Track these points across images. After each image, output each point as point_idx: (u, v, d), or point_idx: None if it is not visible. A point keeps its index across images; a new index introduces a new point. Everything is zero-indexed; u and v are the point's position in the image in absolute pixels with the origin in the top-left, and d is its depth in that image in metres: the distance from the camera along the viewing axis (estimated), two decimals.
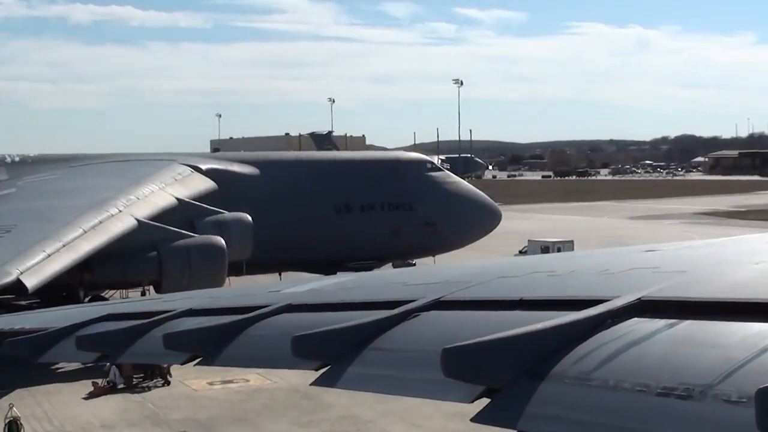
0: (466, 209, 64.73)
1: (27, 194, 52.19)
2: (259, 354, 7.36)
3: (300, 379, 37.60)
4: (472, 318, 6.41)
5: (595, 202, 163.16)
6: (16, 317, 12.26)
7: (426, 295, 7.10)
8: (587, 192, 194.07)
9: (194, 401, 38.40)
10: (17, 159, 61.15)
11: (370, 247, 61.88)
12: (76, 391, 39.89)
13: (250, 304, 8.43)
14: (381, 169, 64.93)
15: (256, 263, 55.09)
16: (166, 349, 7.65)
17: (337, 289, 9.12)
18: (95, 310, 10.33)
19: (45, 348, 9.15)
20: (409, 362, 5.98)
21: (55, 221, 42.84)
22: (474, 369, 5.12)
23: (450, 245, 65.14)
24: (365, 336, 6.44)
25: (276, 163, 64.34)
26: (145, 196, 50.25)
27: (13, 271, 36.11)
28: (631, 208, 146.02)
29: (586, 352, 5.11)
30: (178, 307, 9.11)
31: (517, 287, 7.09)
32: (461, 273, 8.45)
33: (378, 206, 62.91)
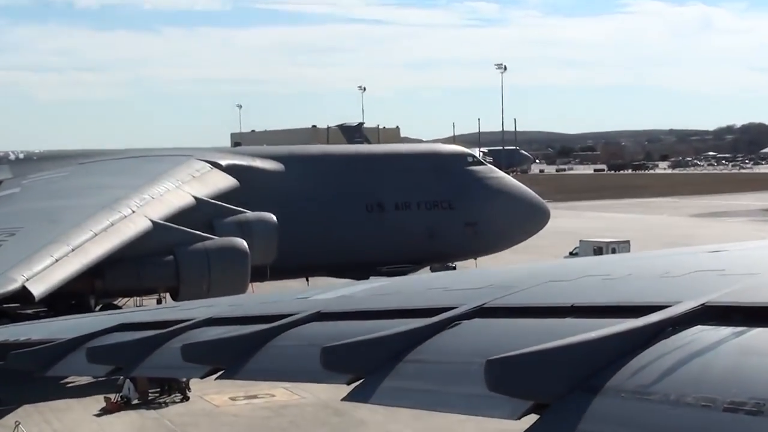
0: (511, 207, 64.54)
1: (32, 194, 52.66)
2: (286, 367, 7.39)
3: (330, 393, 37.68)
4: (519, 326, 6.40)
5: (653, 199, 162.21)
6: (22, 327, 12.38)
7: (467, 302, 7.09)
8: (644, 187, 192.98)
9: (215, 418, 38.59)
10: (22, 156, 61.74)
11: (406, 250, 61.86)
12: (87, 407, 40.20)
13: (276, 312, 8.46)
14: (417, 163, 64.88)
15: (282, 268, 55.25)
16: (185, 361, 7.69)
17: (370, 296, 9.14)
18: (107, 319, 10.41)
19: (53, 361, 9.23)
20: (449, 375, 5.97)
21: (63, 223, 43.18)
22: (521, 382, 5.11)
23: (493, 247, 64.98)
24: (401, 346, 6.45)
25: (302, 158, 64.50)
26: (160, 195, 50.54)
27: (18, 277, 36.42)
28: (693, 205, 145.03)
29: (644, 364, 5.09)
30: (197, 316, 9.16)
31: (567, 292, 7.07)
32: (506, 277, 8.44)
33: (414, 205, 62.89)
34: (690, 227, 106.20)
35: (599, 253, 68.76)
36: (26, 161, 60.99)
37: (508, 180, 68.71)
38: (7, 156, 61.48)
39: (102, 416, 39.30)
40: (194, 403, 40.79)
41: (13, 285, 36.01)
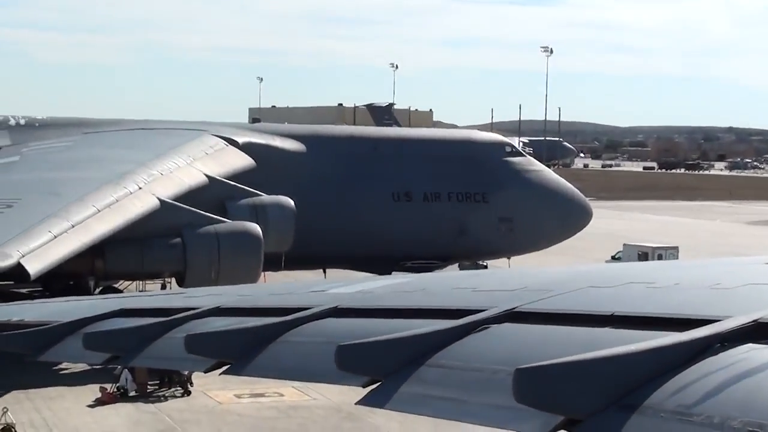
0: (550, 204, 64.36)
1: (32, 163, 52.92)
2: (297, 364, 7.41)
3: (343, 396, 37.75)
4: (553, 334, 6.40)
5: (706, 202, 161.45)
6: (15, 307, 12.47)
7: (498, 304, 7.09)
8: (697, 189, 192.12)
9: (218, 416, 38.74)
10: (22, 122, 62.06)
11: (433, 244, 61.84)
12: (80, 396, 40.45)
13: (289, 305, 8.48)
14: (450, 151, 64.79)
15: (298, 257, 55.33)
16: (188, 353, 7.73)
17: (391, 292, 9.15)
18: (107, 303, 10.47)
19: (47, 345, 9.29)
20: (474, 383, 5.97)
21: (63, 197, 43.37)
22: (552, 395, 5.10)
23: (529, 246, 64.84)
24: (423, 349, 6.45)
25: (326, 139, 64.53)
26: (169, 171, 50.68)
27: (13, 253, 36.63)
28: (750, 211, 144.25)
29: (688, 382, 5.07)
30: (203, 305, 9.20)
31: (608, 300, 7.05)
32: (541, 280, 8.43)
33: (444, 196, 62.82)
34: (746, 235, 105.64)
35: (644, 259, 68.50)
36: (27, 128, 61.28)
37: (548, 174, 68.51)
38: (7, 121, 61.81)
39: (96, 407, 39.52)
40: (196, 398, 40.96)
41: (7, 261, 36.22)
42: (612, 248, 79.21)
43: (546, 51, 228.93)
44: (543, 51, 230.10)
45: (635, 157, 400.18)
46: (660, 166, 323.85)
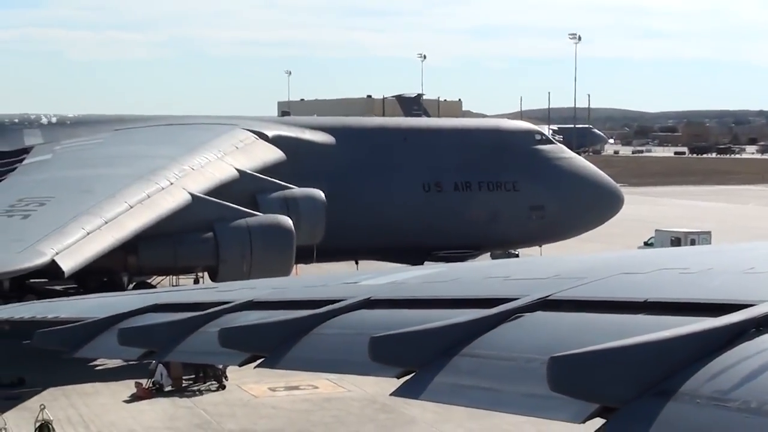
0: (581, 191, 64.19)
1: (65, 161, 53.23)
2: (331, 357, 7.43)
3: (377, 387, 37.82)
4: (586, 321, 6.38)
5: (738, 186, 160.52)
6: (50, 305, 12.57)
7: (531, 293, 7.08)
8: (729, 173, 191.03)
9: (253, 409, 38.90)
10: (54, 120, 62.37)
11: (465, 234, 61.79)
12: (116, 392, 40.70)
13: (322, 297, 8.50)
14: (479, 140, 64.70)
15: (329, 249, 55.44)
16: (223, 347, 7.76)
17: (424, 283, 9.15)
18: (141, 299, 10.53)
19: (82, 341, 9.35)
20: (508, 372, 5.97)
21: (96, 194, 43.62)
22: (587, 383, 5.09)
23: (560, 233, 64.71)
24: (457, 339, 6.45)
25: (355, 131, 64.57)
26: (200, 166, 50.87)
27: (47, 251, 36.85)
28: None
29: (723, 367, 5.05)
30: (237, 299, 9.23)
31: (641, 286, 7.03)
32: (573, 267, 8.41)
33: (475, 185, 62.75)
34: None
35: (677, 245, 68.23)
36: (59, 126, 61.60)
37: (578, 161, 68.31)
38: (39, 120, 62.14)
39: (132, 403, 39.75)
40: (231, 392, 41.13)
41: (41, 259, 36.44)
42: (644, 234, 78.94)
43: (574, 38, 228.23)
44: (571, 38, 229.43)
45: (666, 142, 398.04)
46: (691, 150, 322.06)
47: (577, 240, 66.21)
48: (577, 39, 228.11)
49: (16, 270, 36.63)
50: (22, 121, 61.39)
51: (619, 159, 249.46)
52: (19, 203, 42.58)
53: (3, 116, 62.27)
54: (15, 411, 37.09)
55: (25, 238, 37.62)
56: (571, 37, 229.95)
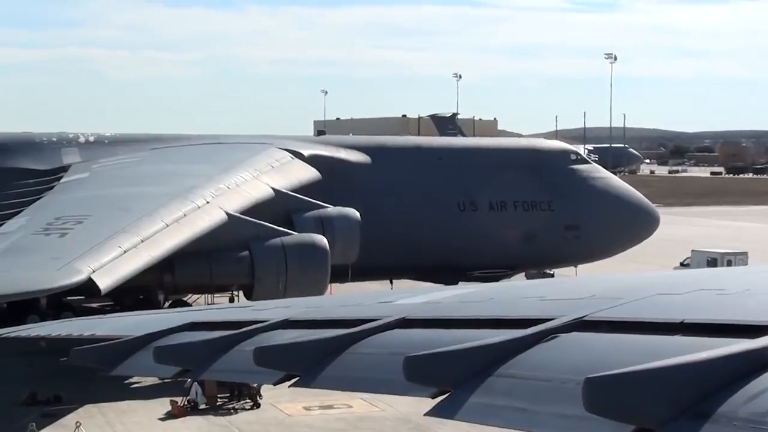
0: (617, 211, 63.94)
1: (102, 180, 53.56)
2: (366, 376, 7.42)
3: (412, 407, 37.70)
4: (622, 342, 6.34)
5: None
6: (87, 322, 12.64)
7: (566, 313, 7.05)
8: (766, 194, 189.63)
9: (287, 428, 38.89)
10: (92, 139, 62.81)
11: (500, 253, 61.64)
12: (151, 410, 40.80)
13: (357, 316, 8.50)
14: (515, 160, 64.61)
15: (364, 268, 55.44)
16: (258, 365, 7.77)
17: (459, 302, 9.13)
18: (176, 317, 10.56)
19: (118, 359, 9.39)
20: (544, 393, 5.94)
21: (132, 212, 43.84)
22: (622, 404, 5.06)
23: (596, 253, 64.45)
24: (492, 359, 6.43)
25: (390, 150, 64.64)
26: (236, 185, 51.05)
27: (84, 268, 37.05)
28: None
29: (760, 390, 5.01)
30: (272, 317, 9.24)
31: (677, 307, 6.99)
32: (609, 287, 8.36)
33: (510, 204, 62.64)
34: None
35: (713, 265, 67.74)
36: (96, 144, 62.03)
37: (614, 181, 68.08)
38: (77, 138, 62.58)
39: (167, 421, 39.84)
40: (265, 410, 41.14)
41: (78, 276, 36.63)
42: (680, 255, 78.41)
43: (610, 57, 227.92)
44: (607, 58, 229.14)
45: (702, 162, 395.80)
46: (727, 171, 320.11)
47: (613, 260, 65.86)
48: (613, 58, 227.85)
49: (54, 288, 36.85)
50: (60, 140, 61.86)
51: (654, 179, 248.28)
52: (56, 221, 42.86)
53: (41, 135, 62.81)
54: (52, 428, 37.26)
55: (62, 255, 37.84)
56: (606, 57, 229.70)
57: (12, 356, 46.61)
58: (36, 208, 48.08)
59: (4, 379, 44.25)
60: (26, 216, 46.19)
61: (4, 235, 42.41)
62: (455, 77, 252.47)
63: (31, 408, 39.53)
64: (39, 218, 44.33)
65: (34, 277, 36.80)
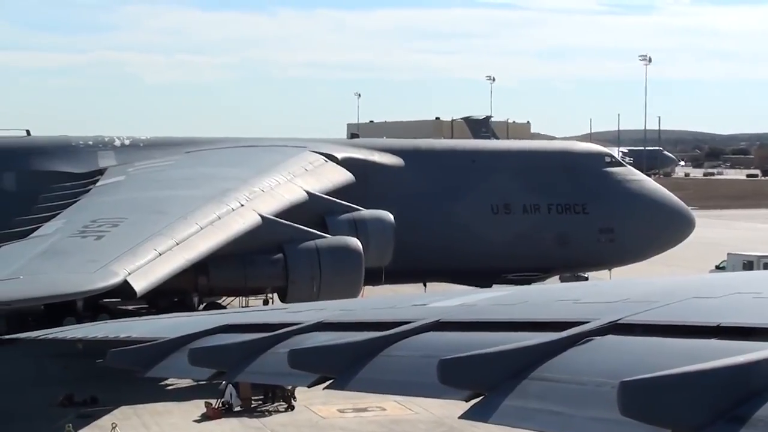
0: (652, 213, 63.63)
1: (137, 183, 53.86)
2: (400, 379, 7.41)
3: (445, 410, 37.66)
4: (658, 345, 6.30)
5: None
6: (122, 324, 12.70)
7: (601, 316, 7.01)
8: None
9: (321, 430, 38.93)
10: (127, 142, 63.13)
11: (533, 256, 61.49)
12: (186, 412, 40.95)
13: (391, 319, 8.49)
14: (549, 162, 64.45)
15: (398, 271, 55.43)
16: (292, 368, 7.77)
17: (493, 305, 9.11)
18: (211, 319, 10.60)
19: (154, 361, 9.43)
20: (578, 396, 5.92)
21: (168, 215, 44.03)
22: (658, 408, 5.03)
23: (630, 256, 64.15)
24: (526, 362, 6.41)
25: (424, 153, 64.61)
26: (270, 188, 51.18)
27: (120, 271, 37.24)
28: None
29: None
30: (306, 320, 9.25)
31: (713, 310, 6.94)
32: (644, 291, 8.32)
33: (544, 207, 62.47)
34: None
35: (749, 268, 67.26)
36: (132, 148, 62.32)
37: (649, 183, 67.79)
38: (113, 142, 62.95)
39: (202, 422, 39.97)
40: (299, 413, 41.20)
41: (114, 279, 36.83)
42: (716, 258, 77.94)
43: (644, 59, 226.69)
44: (641, 60, 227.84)
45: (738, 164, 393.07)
46: (764, 173, 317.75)
47: (647, 263, 65.55)
48: (648, 60, 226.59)
49: (90, 290, 37.09)
50: (96, 144, 62.22)
51: (689, 181, 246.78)
52: (92, 224, 43.13)
53: (78, 138, 63.19)
54: (88, 429, 37.48)
55: (98, 258, 38.08)
56: (641, 59, 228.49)
57: (49, 358, 46.95)
58: (73, 211, 48.40)
59: (41, 380, 44.59)
60: (63, 219, 46.50)
61: (41, 238, 42.73)
62: (488, 80, 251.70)
63: (67, 409, 39.78)
64: (76, 221, 44.62)
65: (71, 280, 37.04)
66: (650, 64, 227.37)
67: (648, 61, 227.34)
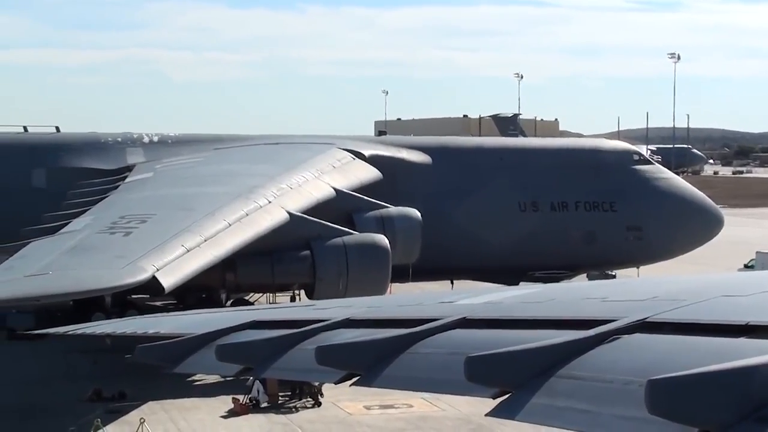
0: (680, 212, 63.38)
1: (166, 180, 54.02)
2: (427, 376, 7.41)
3: (472, 407, 37.62)
4: (686, 344, 6.27)
5: None
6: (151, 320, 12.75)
7: (628, 314, 6.99)
8: None
9: (348, 427, 38.96)
10: (156, 139, 63.37)
11: (561, 254, 61.37)
12: (214, 407, 41.07)
13: (418, 316, 8.49)
14: (577, 160, 64.29)
15: (425, 268, 55.43)
16: (319, 364, 7.79)
17: (520, 303, 9.09)
18: (239, 316, 10.63)
19: (182, 356, 9.47)
20: (606, 394, 5.90)
21: (196, 211, 44.15)
22: (686, 407, 5.01)
23: (658, 254, 63.92)
24: (554, 360, 6.39)
25: (451, 151, 64.58)
26: (298, 185, 51.26)
27: (148, 267, 37.36)
28: None
29: None
30: (333, 317, 9.26)
31: (742, 309, 6.90)
32: (673, 289, 8.28)
33: (572, 205, 62.33)
34: None
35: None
36: (160, 144, 62.56)
37: (677, 181, 67.49)
38: (141, 139, 63.19)
39: (229, 418, 40.07)
40: (326, 409, 41.25)
41: (143, 275, 36.96)
42: (745, 256, 77.50)
43: (673, 57, 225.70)
44: (670, 57, 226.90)
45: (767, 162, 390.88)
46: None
47: (675, 261, 65.27)
48: (677, 58, 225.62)
49: (119, 286, 37.22)
50: (124, 140, 62.49)
51: (718, 179, 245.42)
52: (121, 220, 43.29)
53: (107, 135, 63.48)
54: (116, 424, 37.65)
55: (127, 254, 38.22)
56: (670, 56, 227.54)
57: (78, 353, 47.20)
58: (101, 207, 48.61)
59: (70, 375, 44.85)
60: (92, 215, 46.70)
61: (70, 234, 42.93)
62: (516, 77, 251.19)
63: (96, 404, 39.98)
64: (104, 217, 44.80)
65: (100, 276, 37.21)
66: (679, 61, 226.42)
67: (677, 58, 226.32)
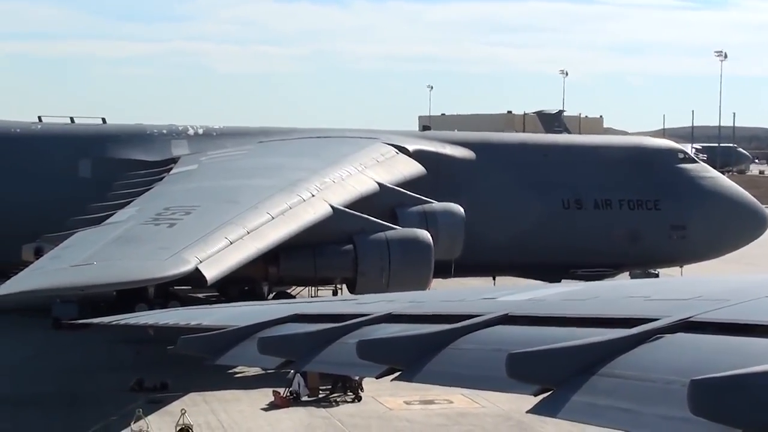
0: (725, 211, 62.88)
1: (210, 172, 54.28)
2: (468, 372, 7.40)
3: (513, 404, 37.51)
4: (730, 344, 6.23)
5: None
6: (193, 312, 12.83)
7: (672, 314, 6.94)
8: None
9: (388, 422, 38.98)
10: (201, 131, 63.63)
11: (604, 252, 61.06)
12: (254, 400, 41.22)
13: (460, 312, 8.48)
14: (621, 157, 63.94)
15: (467, 264, 55.34)
16: (361, 358, 7.80)
17: (562, 300, 9.06)
18: (280, 309, 10.67)
19: (224, 348, 9.52)
20: (647, 393, 5.87)
21: (239, 204, 44.31)
22: (729, 408, 4.97)
23: (702, 254, 63.47)
24: (596, 358, 6.37)
25: (495, 147, 64.44)
26: (341, 179, 51.31)
27: (191, 259, 37.54)
28: None
29: None
30: (375, 311, 9.27)
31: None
32: (717, 288, 8.22)
33: (615, 203, 62.00)
34: None
35: None
36: (205, 137, 62.80)
37: (722, 181, 66.95)
38: (186, 131, 63.44)
39: (269, 411, 40.19)
40: (366, 404, 41.28)
41: (186, 266, 37.14)
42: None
43: (720, 55, 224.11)
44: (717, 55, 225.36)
45: None
46: None
47: (720, 261, 64.75)
48: (723, 56, 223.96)
49: (162, 277, 37.45)
50: (170, 132, 62.78)
51: (764, 179, 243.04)
52: (165, 212, 43.53)
53: (152, 127, 63.83)
54: (157, 415, 37.88)
55: (170, 246, 38.43)
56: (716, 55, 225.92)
57: (121, 343, 47.55)
58: (146, 199, 48.91)
59: (112, 365, 45.18)
60: (137, 206, 47.01)
61: (115, 225, 43.24)
62: (561, 74, 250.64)
63: (138, 394, 40.23)
64: (149, 208, 45.07)
65: (144, 267, 37.45)
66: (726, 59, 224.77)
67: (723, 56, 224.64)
